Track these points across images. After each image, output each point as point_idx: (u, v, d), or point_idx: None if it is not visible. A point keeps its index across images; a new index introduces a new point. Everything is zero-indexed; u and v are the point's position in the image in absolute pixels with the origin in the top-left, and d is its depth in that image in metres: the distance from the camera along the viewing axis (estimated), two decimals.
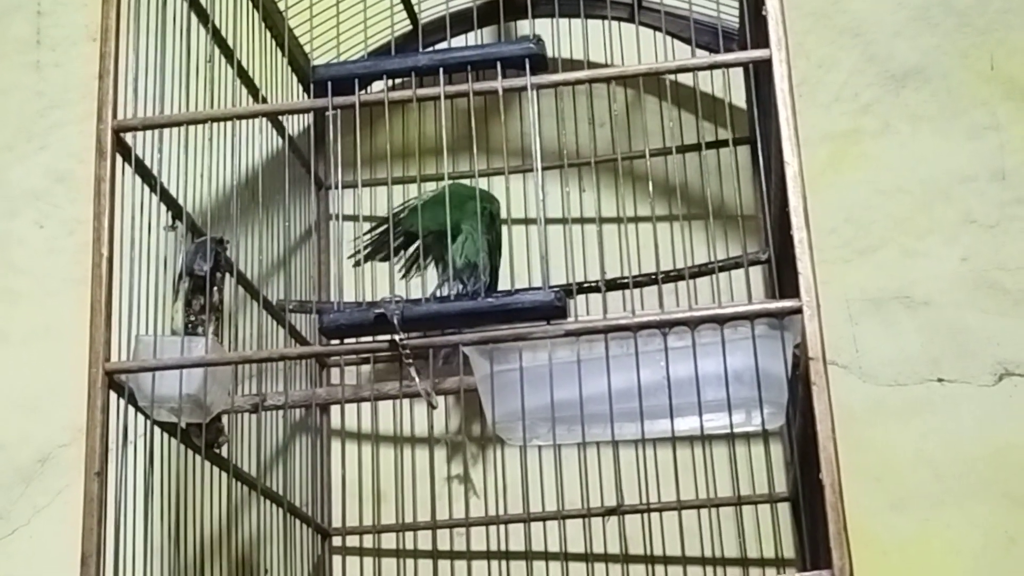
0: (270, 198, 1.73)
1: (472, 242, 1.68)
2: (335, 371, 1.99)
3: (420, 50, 1.76)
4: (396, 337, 1.38)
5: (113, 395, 1.46)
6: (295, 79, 1.98)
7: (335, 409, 1.97)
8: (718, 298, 1.43)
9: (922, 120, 2.04)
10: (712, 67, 1.44)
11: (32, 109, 2.22)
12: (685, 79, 1.88)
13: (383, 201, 1.90)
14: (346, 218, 1.98)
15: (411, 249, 1.79)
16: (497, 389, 1.43)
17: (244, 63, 1.80)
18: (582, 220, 1.67)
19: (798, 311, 1.35)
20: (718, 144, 1.86)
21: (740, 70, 1.95)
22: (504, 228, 1.85)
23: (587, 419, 1.39)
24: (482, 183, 1.67)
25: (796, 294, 1.36)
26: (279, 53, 1.89)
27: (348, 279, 1.62)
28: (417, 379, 1.41)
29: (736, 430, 1.44)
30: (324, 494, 1.94)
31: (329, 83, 1.46)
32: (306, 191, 1.98)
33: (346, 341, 1.46)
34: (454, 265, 1.63)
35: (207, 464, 1.57)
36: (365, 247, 1.73)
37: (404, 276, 1.77)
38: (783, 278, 1.62)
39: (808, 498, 1.46)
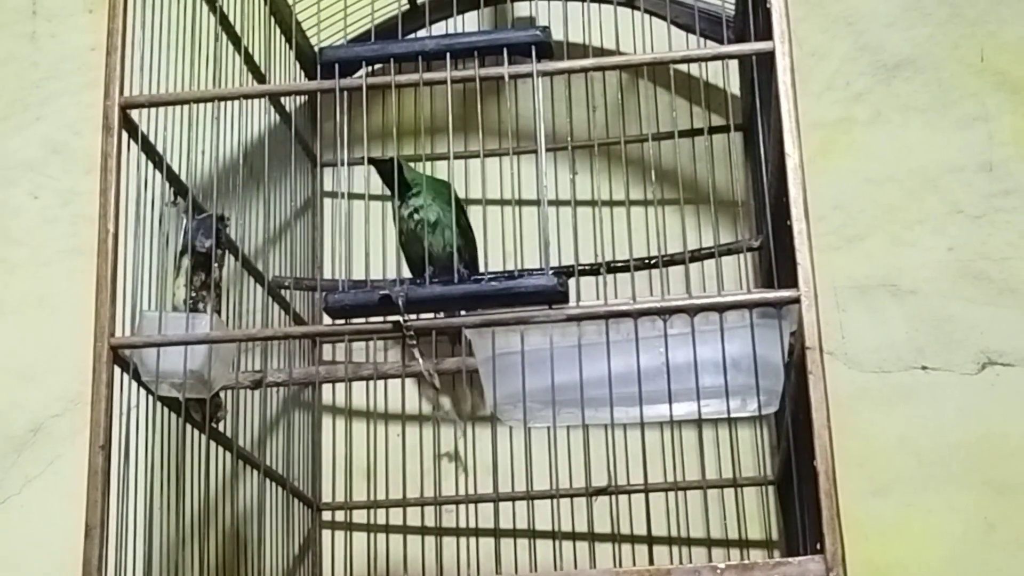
0: (267, 176, 1.74)
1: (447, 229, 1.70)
2: (327, 347, 2.00)
3: (428, 32, 1.77)
4: (400, 319, 1.39)
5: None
6: (292, 55, 1.98)
7: (327, 385, 1.99)
8: (719, 283, 1.44)
9: (913, 110, 2.06)
10: (716, 58, 1.46)
11: (28, 80, 2.21)
12: (680, 65, 1.89)
13: (378, 181, 1.92)
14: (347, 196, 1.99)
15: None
16: (498, 371, 1.45)
17: (244, 41, 1.81)
18: (575, 203, 1.68)
19: (796, 301, 1.36)
20: (715, 131, 1.87)
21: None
22: (491, 209, 1.87)
23: (586, 403, 1.41)
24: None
25: (790, 281, 1.38)
26: (278, 31, 1.90)
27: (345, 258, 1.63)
28: (420, 360, 1.42)
29: (732, 415, 1.46)
30: (315, 469, 1.96)
31: (336, 65, 1.47)
32: (302, 169, 1.99)
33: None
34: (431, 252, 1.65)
35: (206, 439, 1.59)
36: None
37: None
38: (776, 265, 1.65)
39: (797, 482, 1.48)
